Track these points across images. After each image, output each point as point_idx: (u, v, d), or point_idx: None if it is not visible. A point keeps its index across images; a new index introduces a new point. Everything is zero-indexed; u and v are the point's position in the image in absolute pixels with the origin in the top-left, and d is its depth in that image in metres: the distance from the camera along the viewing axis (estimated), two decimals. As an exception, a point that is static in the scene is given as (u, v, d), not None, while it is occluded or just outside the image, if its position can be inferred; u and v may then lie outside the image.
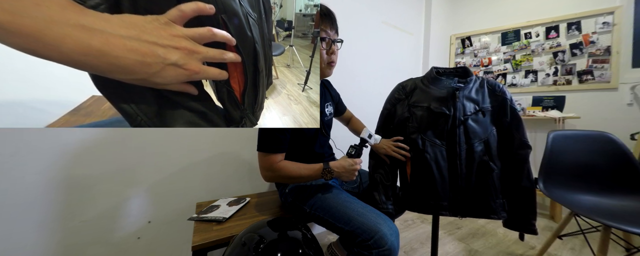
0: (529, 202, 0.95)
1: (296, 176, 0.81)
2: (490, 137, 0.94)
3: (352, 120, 1.24)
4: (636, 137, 1.54)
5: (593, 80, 1.87)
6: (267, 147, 0.80)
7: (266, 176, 0.83)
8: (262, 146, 0.80)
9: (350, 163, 0.83)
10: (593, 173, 1.16)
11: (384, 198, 0.97)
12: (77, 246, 0.95)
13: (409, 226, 1.71)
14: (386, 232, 0.72)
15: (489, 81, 1.00)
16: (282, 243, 0.63)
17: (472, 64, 2.44)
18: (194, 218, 0.88)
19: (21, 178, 0.86)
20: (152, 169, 1.08)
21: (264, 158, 0.80)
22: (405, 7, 2.10)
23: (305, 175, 0.82)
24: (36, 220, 0.89)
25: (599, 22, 1.83)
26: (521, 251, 1.39)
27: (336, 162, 0.83)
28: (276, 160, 0.80)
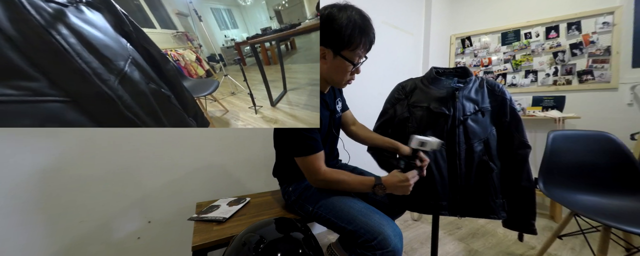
0: (528, 202, 0.95)
1: (344, 182, 0.79)
2: (489, 137, 0.94)
3: (357, 125, 1.12)
4: (636, 137, 1.54)
5: (593, 80, 1.87)
6: (304, 149, 0.76)
7: (313, 181, 0.80)
8: (299, 150, 0.77)
9: (402, 179, 0.76)
10: (593, 173, 1.16)
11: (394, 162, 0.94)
12: (77, 246, 0.96)
13: (409, 226, 1.71)
14: (390, 233, 0.71)
15: (489, 81, 1.00)
16: (282, 243, 0.63)
17: (472, 64, 2.44)
18: (194, 218, 0.88)
19: (21, 178, 0.86)
20: (152, 169, 1.08)
21: (306, 162, 0.77)
22: (405, 7, 2.10)
23: (355, 184, 0.79)
24: (36, 220, 0.89)
25: (599, 22, 1.83)
26: (521, 251, 1.39)
27: (388, 177, 0.79)
28: (320, 163, 0.77)
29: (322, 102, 0.87)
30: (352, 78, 0.85)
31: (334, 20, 0.71)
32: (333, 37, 0.72)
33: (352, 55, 0.76)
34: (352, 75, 0.83)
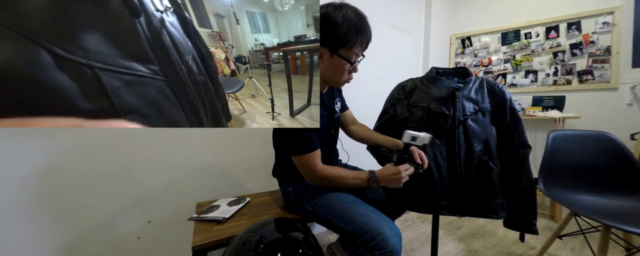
0: (529, 202, 0.95)
1: (340, 178, 0.81)
2: (489, 137, 0.94)
3: (358, 124, 1.12)
4: (636, 137, 1.54)
5: (593, 80, 1.87)
6: (300, 148, 0.77)
7: (310, 178, 0.81)
8: (295, 149, 0.78)
9: (394, 171, 0.79)
10: (593, 173, 1.16)
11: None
12: (77, 246, 0.96)
13: (409, 226, 1.71)
14: (389, 234, 0.71)
15: (489, 81, 1.00)
16: (282, 243, 0.63)
17: (472, 64, 2.44)
18: (194, 218, 0.88)
19: (21, 178, 0.86)
20: (153, 169, 1.08)
21: (303, 160, 0.78)
22: (405, 7, 2.10)
23: (351, 179, 0.81)
24: (36, 220, 0.89)
25: (599, 22, 1.83)
26: (521, 251, 1.39)
27: (381, 170, 0.81)
28: (316, 161, 0.78)
29: (321, 102, 0.87)
30: (350, 78, 0.84)
31: (329, 19, 0.71)
32: (329, 36, 0.72)
33: (349, 53, 0.76)
34: (350, 74, 0.83)
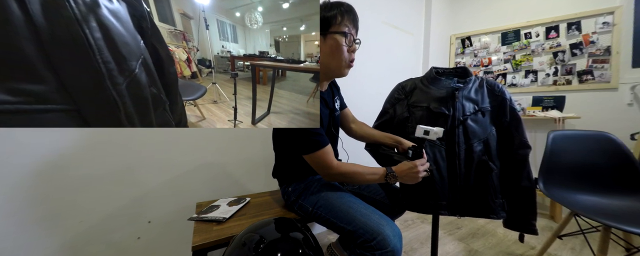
0: (529, 202, 0.95)
1: (357, 174, 0.80)
2: (489, 137, 0.94)
3: (357, 122, 1.12)
4: (636, 137, 1.54)
5: (593, 80, 1.87)
6: (311, 146, 0.76)
7: (327, 175, 0.81)
8: (306, 148, 0.77)
9: (411, 166, 0.79)
10: (593, 173, 1.16)
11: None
12: (77, 246, 0.96)
13: (409, 226, 1.71)
14: (389, 234, 0.71)
15: (488, 81, 1.00)
16: (282, 243, 0.63)
17: (472, 64, 2.44)
18: (194, 218, 0.88)
19: (21, 178, 0.86)
20: (152, 169, 1.08)
21: (316, 157, 0.77)
22: (405, 7, 2.10)
23: (368, 175, 0.80)
24: (36, 220, 0.89)
25: (599, 22, 1.83)
26: (521, 251, 1.39)
27: (398, 166, 0.81)
28: (330, 157, 0.78)
29: (322, 100, 0.87)
30: (352, 59, 0.83)
31: (320, 12, 0.76)
32: (321, 24, 0.75)
33: (340, 28, 0.77)
34: (350, 55, 0.82)
